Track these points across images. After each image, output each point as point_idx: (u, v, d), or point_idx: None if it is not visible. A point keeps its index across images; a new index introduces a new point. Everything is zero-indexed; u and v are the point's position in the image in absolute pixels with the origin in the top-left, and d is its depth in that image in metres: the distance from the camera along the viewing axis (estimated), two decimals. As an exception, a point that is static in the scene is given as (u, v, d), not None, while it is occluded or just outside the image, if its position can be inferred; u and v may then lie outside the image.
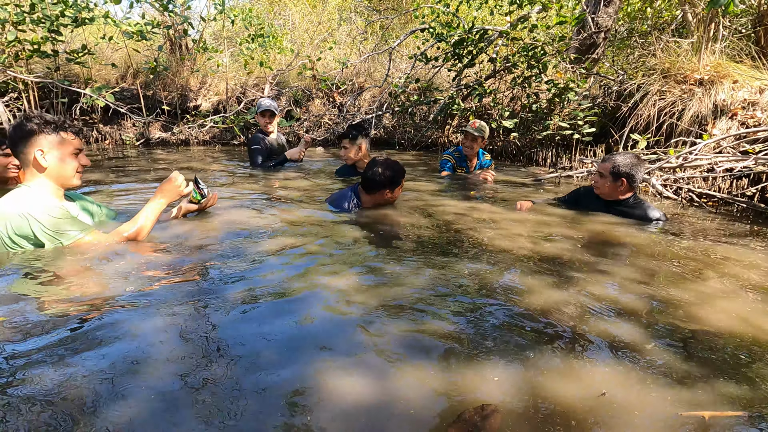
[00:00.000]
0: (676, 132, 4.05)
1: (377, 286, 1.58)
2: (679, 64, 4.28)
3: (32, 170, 1.74)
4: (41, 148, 1.72)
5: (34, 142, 1.71)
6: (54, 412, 0.92)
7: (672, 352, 1.22)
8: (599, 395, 1.02)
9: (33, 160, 1.72)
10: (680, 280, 1.73)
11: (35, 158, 1.71)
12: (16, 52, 5.18)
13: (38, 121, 1.72)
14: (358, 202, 2.62)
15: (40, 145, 1.72)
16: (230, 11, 6.68)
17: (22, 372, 1.04)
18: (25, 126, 1.70)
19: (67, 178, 1.80)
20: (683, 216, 2.84)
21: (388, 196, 2.61)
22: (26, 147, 1.71)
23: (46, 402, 0.95)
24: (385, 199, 2.62)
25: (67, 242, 1.74)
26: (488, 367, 1.12)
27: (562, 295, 1.56)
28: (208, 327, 1.27)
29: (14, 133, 1.71)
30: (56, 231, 1.71)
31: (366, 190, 2.60)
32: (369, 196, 2.61)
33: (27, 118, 1.71)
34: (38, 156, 1.71)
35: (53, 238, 1.71)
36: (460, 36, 5.12)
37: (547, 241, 2.16)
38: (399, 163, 2.60)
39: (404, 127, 6.55)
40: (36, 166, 1.73)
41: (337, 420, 0.93)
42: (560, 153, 5.00)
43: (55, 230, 1.71)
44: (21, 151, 1.72)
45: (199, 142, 6.63)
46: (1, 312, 1.31)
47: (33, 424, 0.89)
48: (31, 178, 1.75)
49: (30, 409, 0.93)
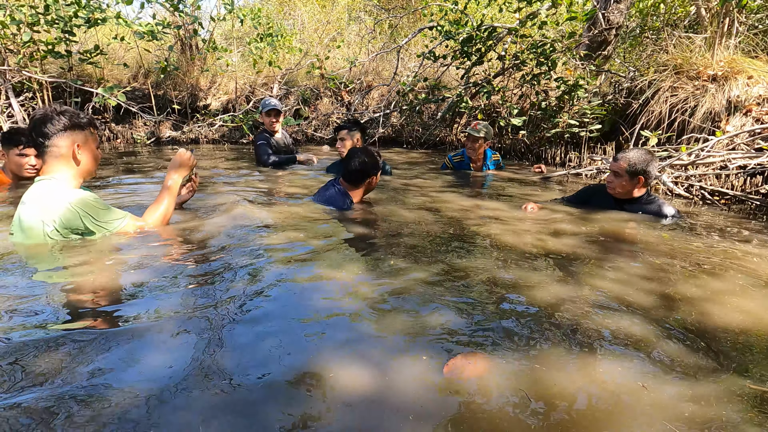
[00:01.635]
0: (688, 129, 3.98)
1: (381, 280, 1.57)
2: (692, 60, 4.20)
3: (63, 163, 1.75)
4: (78, 142, 1.76)
5: (70, 136, 1.74)
6: (55, 402, 0.93)
7: (683, 349, 1.19)
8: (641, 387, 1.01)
9: (70, 154, 1.75)
10: (692, 277, 1.69)
11: (73, 152, 1.75)
12: (31, 52, 5.28)
13: (74, 116, 1.75)
14: (346, 196, 2.57)
15: (77, 140, 1.76)
16: (240, 11, 6.73)
17: (28, 361, 1.06)
18: (62, 120, 1.72)
19: (91, 172, 1.87)
20: (695, 214, 2.79)
21: (373, 183, 2.61)
22: (62, 140, 1.72)
23: (48, 394, 0.96)
24: (371, 187, 2.62)
25: (113, 230, 1.83)
26: (493, 363, 1.11)
27: (570, 290, 1.54)
28: (212, 320, 1.27)
29: (46, 126, 1.70)
30: (103, 221, 1.80)
31: (353, 183, 2.56)
32: (358, 188, 2.58)
33: (61, 113, 1.73)
34: (76, 150, 1.76)
35: (101, 227, 1.80)
36: (468, 34, 5.10)
37: (554, 238, 2.14)
38: (375, 151, 2.59)
39: (412, 125, 6.54)
40: (73, 159, 1.76)
41: (340, 412, 0.93)
42: (569, 151, 4.95)
43: (103, 220, 1.80)
44: (55, 144, 1.72)
45: (209, 140, 6.69)
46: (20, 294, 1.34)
47: (35, 413, 0.90)
48: (56, 169, 1.76)
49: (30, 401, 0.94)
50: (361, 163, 2.49)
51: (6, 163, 2.77)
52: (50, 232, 1.72)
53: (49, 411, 0.90)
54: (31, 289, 1.43)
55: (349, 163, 2.52)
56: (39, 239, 1.72)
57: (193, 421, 0.89)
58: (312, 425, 0.89)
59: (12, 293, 1.40)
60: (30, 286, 1.45)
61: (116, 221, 1.84)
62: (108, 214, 1.82)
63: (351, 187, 2.58)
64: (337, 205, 2.54)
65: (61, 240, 1.75)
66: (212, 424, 0.88)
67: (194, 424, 0.88)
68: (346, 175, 2.56)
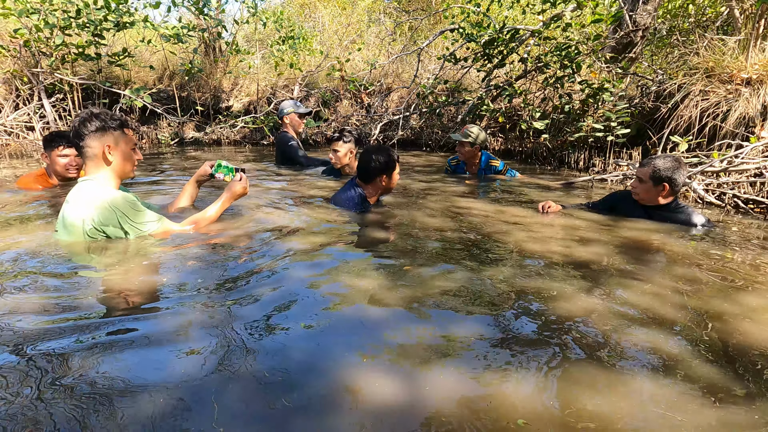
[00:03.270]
0: (720, 134, 3.84)
1: (404, 288, 1.56)
2: (724, 62, 4.05)
3: (97, 163, 1.83)
4: (108, 143, 1.82)
5: (102, 137, 1.80)
6: (83, 399, 0.95)
7: (712, 368, 1.14)
8: (670, 408, 0.97)
9: (101, 155, 1.82)
10: (724, 291, 1.62)
11: (103, 153, 1.81)
12: (63, 55, 5.46)
13: (106, 118, 1.82)
14: (364, 199, 2.58)
15: (108, 141, 1.82)
16: (262, 14, 6.82)
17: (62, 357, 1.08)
18: (94, 122, 1.79)
19: (127, 172, 1.93)
20: (727, 223, 2.68)
21: (385, 183, 2.58)
22: (93, 141, 1.80)
23: (81, 389, 0.98)
24: (382, 186, 2.59)
25: (146, 232, 1.88)
26: (519, 375, 1.09)
27: (596, 302, 1.49)
28: (236, 326, 1.28)
29: (82, 127, 1.78)
30: (137, 222, 1.86)
31: (363, 180, 2.58)
32: (369, 186, 2.58)
33: (94, 115, 1.80)
34: (106, 151, 1.82)
35: (135, 228, 1.85)
36: (490, 36, 5.04)
37: (580, 245, 2.08)
38: (390, 149, 2.59)
39: (432, 128, 6.50)
40: (103, 160, 1.83)
41: (369, 424, 0.92)
42: (593, 155, 4.83)
43: (136, 221, 1.85)
44: (88, 144, 1.80)
45: (230, 141, 6.79)
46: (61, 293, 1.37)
47: (65, 408, 0.92)
48: (95, 170, 1.84)
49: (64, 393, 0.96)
50: (373, 160, 2.50)
51: (49, 165, 2.87)
52: (89, 230, 1.80)
53: (73, 409, 0.91)
54: (65, 285, 1.47)
55: (362, 160, 2.54)
56: (79, 237, 1.81)
57: (217, 429, 0.89)
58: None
59: (48, 286, 1.44)
60: (65, 283, 1.49)
61: (149, 223, 1.89)
62: (142, 216, 1.87)
63: (365, 185, 2.60)
64: (352, 205, 2.55)
65: (100, 238, 1.82)
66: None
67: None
68: (359, 171, 2.59)
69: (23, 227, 2.09)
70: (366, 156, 2.53)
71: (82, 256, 1.75)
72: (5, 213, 2.32)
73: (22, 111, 5.47)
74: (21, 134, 5.37)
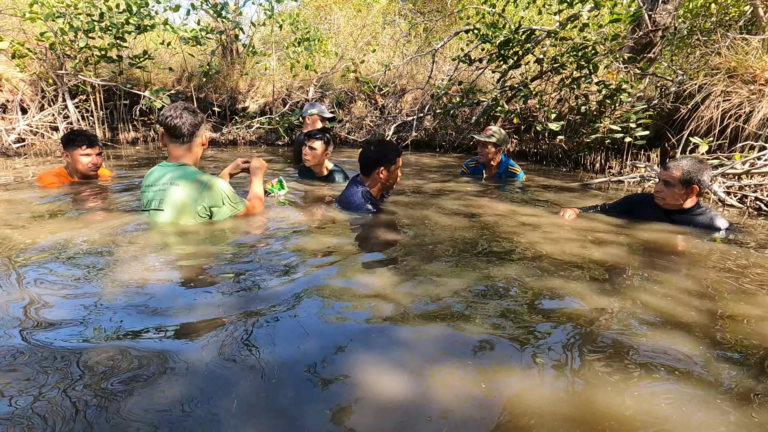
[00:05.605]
0: (742, 136, 3.75)
1: (416, 287, 1.56)
2: (747, 62, 3.96)
3: (195, 152, 2.14)
4: (204, 134, 2.16)
5: (202, 129, 2.14)
6: (99, 393, 0.98)
7: (731, 369, 1.12)
8: (691, 413, 0.96)
9: (200, 144, 2.14)
10: (745, 294, 1.59)
11: (202, 143, 2.15)
12: (86, 57, 5.61)
13: (202, 114, 2.14)
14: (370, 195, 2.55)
15: (204, 132, 2.16)
16: (278, 16, 6.91)
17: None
18: (197, 116, 2.09)
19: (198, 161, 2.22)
20: (749, 226, 2.62)
21: (383, 176, 2.54)
22: (199, 130, 2.11)
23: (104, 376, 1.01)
24: (381, 179, 2.55)
25: (241, 210, 2.20)
26: (531, 375, 1.08)
27: (612, 303, 1.48)
28: (248, 323, 1.30)
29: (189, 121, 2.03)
30: (235, 202, 2.17)
31: (364, 172, 2.59)
32: (371, 178, 2.57)
33: (194, 111, 2.08)
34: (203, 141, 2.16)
35: (234, 207, 2.16)
36: (505, 36, 5.01)
37: (598, 247, 2.06)
38: (392, 143, 2.58)
39: (445, 129, 6.49)
40: (199, 148, 2.15)
41: (378, 418, 0.93)
42: (610, 157, 4.76)
43: (234, 201, 2.16)
44: (198, 135, 2.12)
45: (246, 142, 6.89)
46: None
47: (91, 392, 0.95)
48: (188, 157, 2.12)
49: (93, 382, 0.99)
50: (370, 151, 2.52)
51: (69, 163, 2.96)
52: (200, 210, 2.05)
53: (92, 402, 0.95)
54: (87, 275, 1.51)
55: (361, 152, 2.58)
56: (190, 216, 2.06)
57: (231, 421, 0.91)
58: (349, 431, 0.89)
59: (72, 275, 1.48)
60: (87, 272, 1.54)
61: (241, 203, 2.21)
62: (236, 196, 2.19)
63: (365, 178, 2.61)
64: (359, 202, 2.51)
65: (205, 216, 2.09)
66: (249, 425, 0.90)
67: (232, 425, 0.90)
68: (360, 166, 2.61)
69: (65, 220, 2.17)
70: (365, 147, 2.57)
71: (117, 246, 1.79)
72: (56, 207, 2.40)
73: (47, 112, 5.64)
74: (46, 134, 5.54)
